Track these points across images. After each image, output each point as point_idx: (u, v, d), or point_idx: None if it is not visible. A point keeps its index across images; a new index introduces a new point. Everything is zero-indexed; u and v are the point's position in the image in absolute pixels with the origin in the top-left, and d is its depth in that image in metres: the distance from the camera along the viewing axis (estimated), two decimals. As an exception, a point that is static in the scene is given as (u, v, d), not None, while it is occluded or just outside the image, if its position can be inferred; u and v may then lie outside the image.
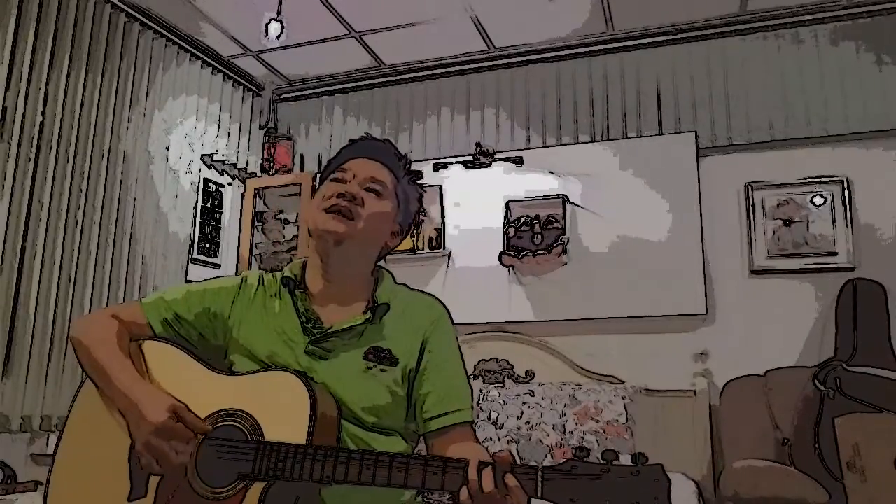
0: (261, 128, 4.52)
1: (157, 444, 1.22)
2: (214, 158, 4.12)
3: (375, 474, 1.14)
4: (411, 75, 4.31)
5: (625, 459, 1.07)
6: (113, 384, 1.31)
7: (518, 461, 1.13)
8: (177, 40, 3.86)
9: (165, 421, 1.22)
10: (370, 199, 1.40)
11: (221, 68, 4.18)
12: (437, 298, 1.48)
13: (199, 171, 4.03)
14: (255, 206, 4.35)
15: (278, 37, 3.45)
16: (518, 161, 3.95)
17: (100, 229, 3.34)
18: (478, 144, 4.01)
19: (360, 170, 1.42)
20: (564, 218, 3.76)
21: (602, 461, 1.06)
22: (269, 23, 3.42)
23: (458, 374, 1.41)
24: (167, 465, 1.23)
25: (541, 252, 3.74)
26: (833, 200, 3.47)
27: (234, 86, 4.31)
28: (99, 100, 3.38)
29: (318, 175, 1.51)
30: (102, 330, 1.38)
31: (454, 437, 1.34)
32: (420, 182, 1.53)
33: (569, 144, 3.90)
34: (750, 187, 3.60)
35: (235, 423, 1.26)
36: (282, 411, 1.25)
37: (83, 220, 3.26)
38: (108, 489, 1.29)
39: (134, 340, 1.41)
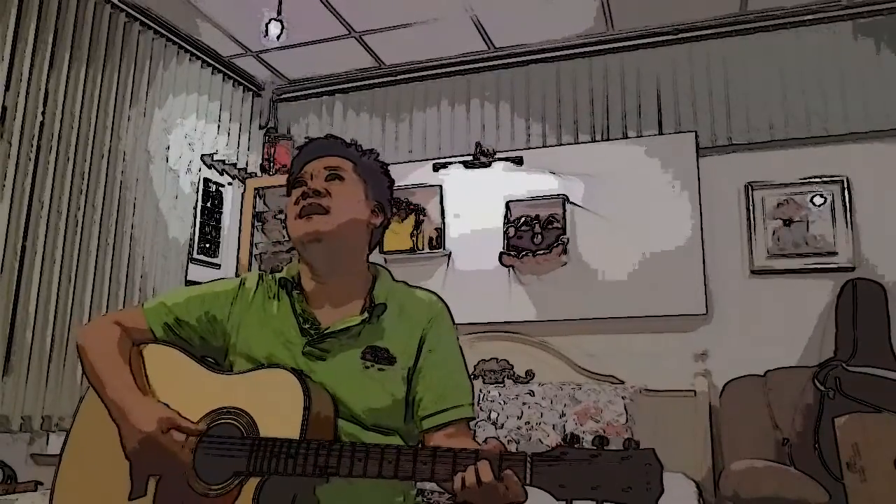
0: (261, 128, 4.52)
1: (144, 454, 1.24)
2: (214, 158, 4.12)
3: (367, 465, 1.14)
4: (411, 75, 4.30)
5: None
6: (106, 393, 1.33)
7: (506, 447, 1.12)
8: (177, 40, 3.85)
9: (153, 432, 1.24)
10: (335, 186, 1.41)
11: (221, 68, 4.18)
12: (436, 294, 1.47)
13: (199, 170, 4.02)
14: (255, 206, 4.35)
15: (278, 37, 3.45)
16: (518, 161, 3.95)
17: (100, 229, 3.34)
18: (478, 144, 4.01)
19: (316, 167, 1.44)
20: (564, 218, 3.76)
21: (593, 447, 1.05)
22: (269, 23, 3.42)
23: (457, 370, 1.40)
24: (158, 472, 1.25)
25: (541, 252, 3.74)
26: (833, 200, 3.47)
27: (234, 86, 4.30)
28: (99, 100, 3.38)
29: (286, 188, 1.51)
30: (104, 338, 1.41)
31: (450, 433, 1.33)
32: (379, 159, 1.53)
33: (569, 144, 3.90)
34: (750, 187, 3.60)
35: (232, 421, 1.27)
36: (276, 408, 1.25)
37: (83, 221, 3.26)
38: (110, 489, 1.31)
39: (136, 345, 1.43)
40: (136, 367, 1.39)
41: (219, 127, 4.13)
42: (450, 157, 4.10)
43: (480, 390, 3.49)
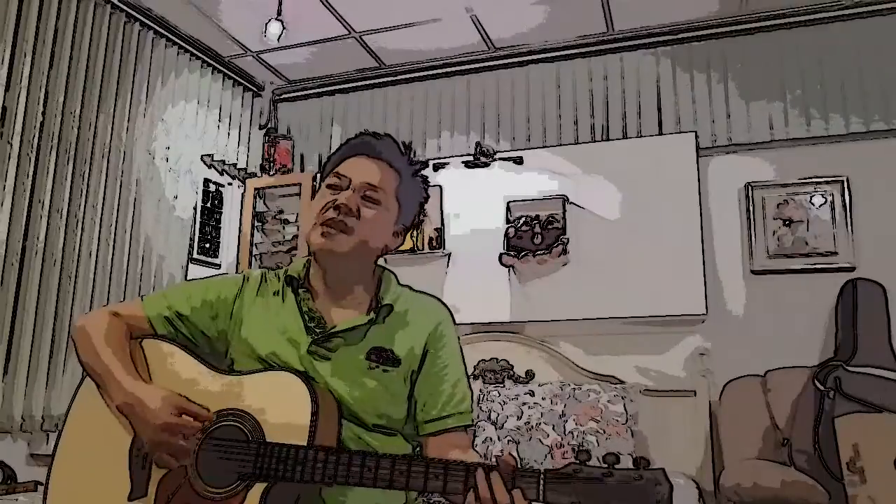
0: (261, 128, 4.52)
1: (168, 441, 1.23)
2: (214, 158, 4.12)
3: (377, 476, 1.14)
4: (411, 75, 4.30)
5: (625, 460, 1.07)
6: (112, 383, 1.31)
7: (518, 461, 1.13)
8: (177, 40, 3.85)
9: (170, 418, 1.24)
10: (367, 209, 1.35)
11: (222, 68, 4.18)
12: (440, 301, 1.47)
13: (200, 171, 4.03)
14: (255, 206, 4.35)
15: (278, 37, 3.46)
16: (518, 161, 3.94)
17: (100, 229, 3.34)
18: (478, 144, 4.01)
19: (358, 173, 1.37)
20: (564, 218, 3.75)
21: (604, 464, 1.06)
22: (269, 23, 3.42)
23: (459, 377, 1.41)
24: (182, 458, 1.24)
25: (541, 252, 3.74)
26: (833, 200, 3.47)
27: (234, 86, 4.31)
28: (99, 100, 3.38)
29: (319, 174, 1.46)
30: (102, 328, 1.38)
31: (450, 440, 1.34)
32: (424, 174, 1.47)
33: (569, 144, 3.90)
34: (750, 187, 3.60)
35: (236, 424, 1.26)
36: (283, 412, 1.24)
37: (83, 220, 3.26)
38: (108, 488, 1.29)
39: (134, 338, 1.40)
40: (137, 360, 1.37)
41: (219, 127, 4.14)
42: (450, 156, 4.10)
43: (480, 390, 3.49)
